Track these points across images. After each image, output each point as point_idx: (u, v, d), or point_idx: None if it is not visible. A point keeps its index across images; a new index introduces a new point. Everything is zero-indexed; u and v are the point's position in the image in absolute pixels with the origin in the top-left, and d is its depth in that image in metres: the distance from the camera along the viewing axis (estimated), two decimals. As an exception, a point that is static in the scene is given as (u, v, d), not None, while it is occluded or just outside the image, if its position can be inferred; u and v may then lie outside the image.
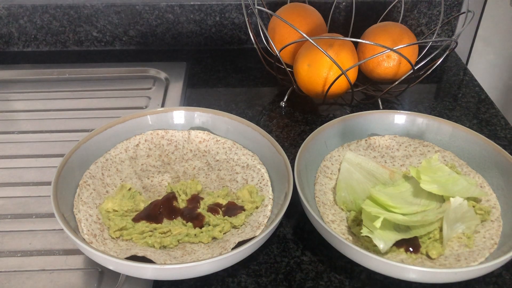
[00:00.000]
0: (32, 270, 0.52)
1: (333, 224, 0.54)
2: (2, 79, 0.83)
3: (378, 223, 0.49)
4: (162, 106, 0.77)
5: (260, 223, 0.53)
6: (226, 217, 0.54)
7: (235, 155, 0.63)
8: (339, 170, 0.60)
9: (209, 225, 0.54)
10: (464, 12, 0.78)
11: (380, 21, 0.86)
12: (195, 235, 0.53)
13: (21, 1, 0.87)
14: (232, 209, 0.55)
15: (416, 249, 0.51)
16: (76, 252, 0.53)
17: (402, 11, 0.86)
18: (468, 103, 0.79)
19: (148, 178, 0.60)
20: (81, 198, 0.55)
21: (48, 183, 0.52)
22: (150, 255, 0.48)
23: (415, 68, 0.68)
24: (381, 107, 0.77)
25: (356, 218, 0.54)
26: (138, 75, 0.85)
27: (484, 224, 0.54)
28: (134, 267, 0.45)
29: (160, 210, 0.55)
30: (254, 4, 0.71)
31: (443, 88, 0.84)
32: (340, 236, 0.48)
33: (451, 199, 0.51)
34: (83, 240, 0.49)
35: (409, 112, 0.66)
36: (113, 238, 0.52)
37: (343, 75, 0.66)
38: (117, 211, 0.54)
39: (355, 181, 0.58)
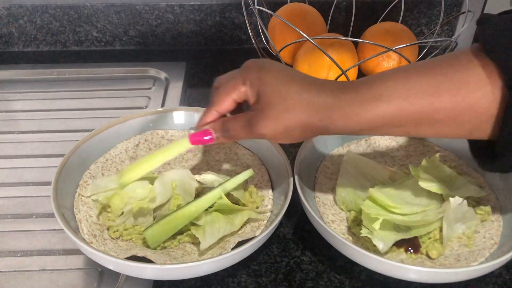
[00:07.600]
0: (32, 270, 0.52)
1: (333, 224, 0.54)
2: (2, 79, 0.83)
3: (377, 225, 0.49)
4: (162, 106, 0.77)
5: (260, 223, 0.53)
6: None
7: (235, 155, 0.63)
8: (339, 170, 0.60)
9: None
10: (464, 12, 0.78)
11: (380, 21, 0.86)
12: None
13: (21, 1, 0.87)
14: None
15: (416, 249, 0.51)
16: (76, 252, 0.53)
17: (402, 11, 0.86)
18: (468, 103, 0.79)
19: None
20: (81, 198, 0.55)
21: (48, 183, 0.52)
22: (150, 255, 0.48)
23: (415, 68, 0.68)
24: (381, 107, 0.77)
25: (356, 218, 0.54)
26: (138, 75, 0.85)
27: (484, 224, 0.54)
28: (134, 267, 0.45)
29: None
30: (254, 4, 0.71)
31: (443, 88, 0.84)
32: (340, 236, 0.48)
33: (451, 199, 0.51)
34: (83, 240, 0.49)
35: (409, 112, 0.66)
36: (113, 238, 0.52)
37: (343, 75, 0.66)
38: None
39: (355, 181, 0.58)
